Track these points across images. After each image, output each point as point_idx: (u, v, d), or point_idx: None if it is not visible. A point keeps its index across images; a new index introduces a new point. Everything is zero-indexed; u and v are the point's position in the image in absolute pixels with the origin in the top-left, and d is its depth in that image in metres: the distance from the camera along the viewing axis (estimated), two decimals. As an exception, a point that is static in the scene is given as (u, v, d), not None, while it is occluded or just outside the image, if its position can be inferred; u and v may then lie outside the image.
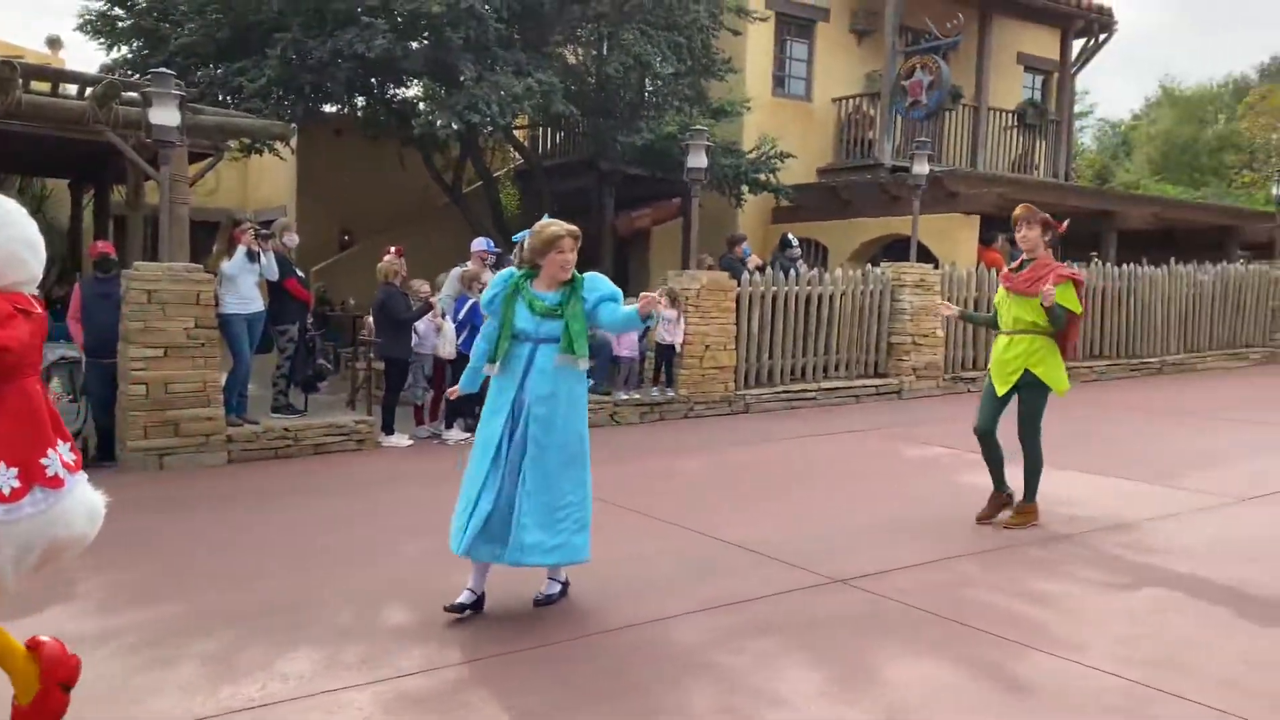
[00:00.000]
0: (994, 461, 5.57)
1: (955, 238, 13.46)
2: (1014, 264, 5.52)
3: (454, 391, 4.52)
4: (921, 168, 11.39)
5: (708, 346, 9.96)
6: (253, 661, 3.61)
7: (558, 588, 4.23)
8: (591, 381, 5.30)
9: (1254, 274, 14.39)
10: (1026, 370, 5.35)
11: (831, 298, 10.95)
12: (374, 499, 6.44)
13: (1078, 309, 5.37)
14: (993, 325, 5.72)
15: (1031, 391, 5.41)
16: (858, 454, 8.01)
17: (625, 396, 9.62)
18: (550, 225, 4.11)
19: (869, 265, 12.28)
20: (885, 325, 11.26)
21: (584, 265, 4.25)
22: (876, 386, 11.05)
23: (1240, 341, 14.05)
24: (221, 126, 9.54)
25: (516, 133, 14.38)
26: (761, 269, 11.47)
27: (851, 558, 4.86)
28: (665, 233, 15.27)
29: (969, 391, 11.25)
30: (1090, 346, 12.49)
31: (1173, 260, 13.54)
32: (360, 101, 12.97)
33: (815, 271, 11.25)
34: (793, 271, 11.30)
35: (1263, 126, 51.72)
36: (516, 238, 4.47)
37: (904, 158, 13.62)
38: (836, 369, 11.07)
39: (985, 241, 13.65)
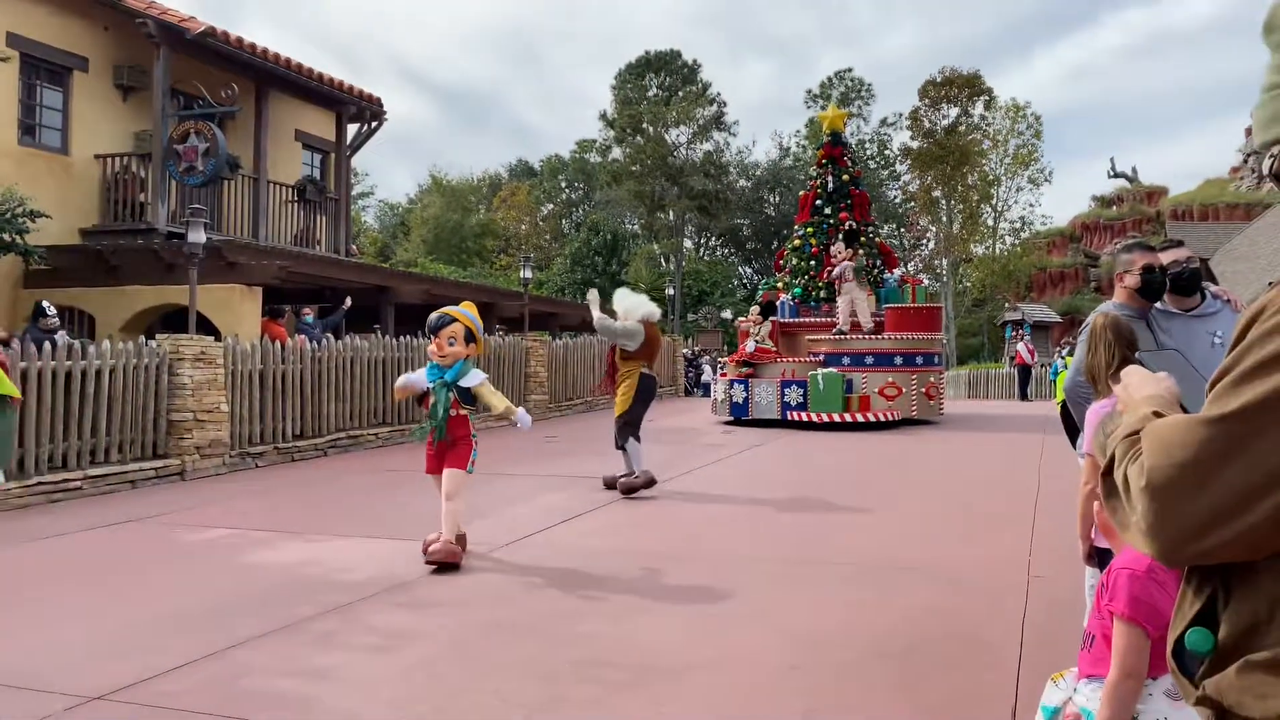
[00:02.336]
0: None
1: (237, 309, 13.14)
2: None
3: None
4: (197, 235, 10.93)
5: (-71, 437, 8.18)
6: None
7: None
8: None
9: (509, 345, 16.56)
10: None
11: (99, 373, 9.83)
12: None
13: (15, 393, 4.38)
14: None
15: None
16: (128, 546, 7.22)
17: None
18: None
19: (142, 337, 11.33)
20: (164, 402, 10.46)
21: None
22: (156, 469, 10.18)
23: (500, 403, 15.99)
24: None
25: None
26: (6, 342, 9.84)
27: (113, 668, 4.30)
28: None
29: (257, 467, 11.01)
30: (373, 414, 13.11)
31: (443, 332, 14.92)
32: None
33: (78, 344, 10.01)
34: (48, 344, 9.90)
35: (514, 218, 60.61)
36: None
37: (180, 224, 12.95)
38: (108, 453, 9.94)
39: (271, 314, 13.56)
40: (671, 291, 45.67)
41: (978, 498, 8.70)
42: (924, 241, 52.02)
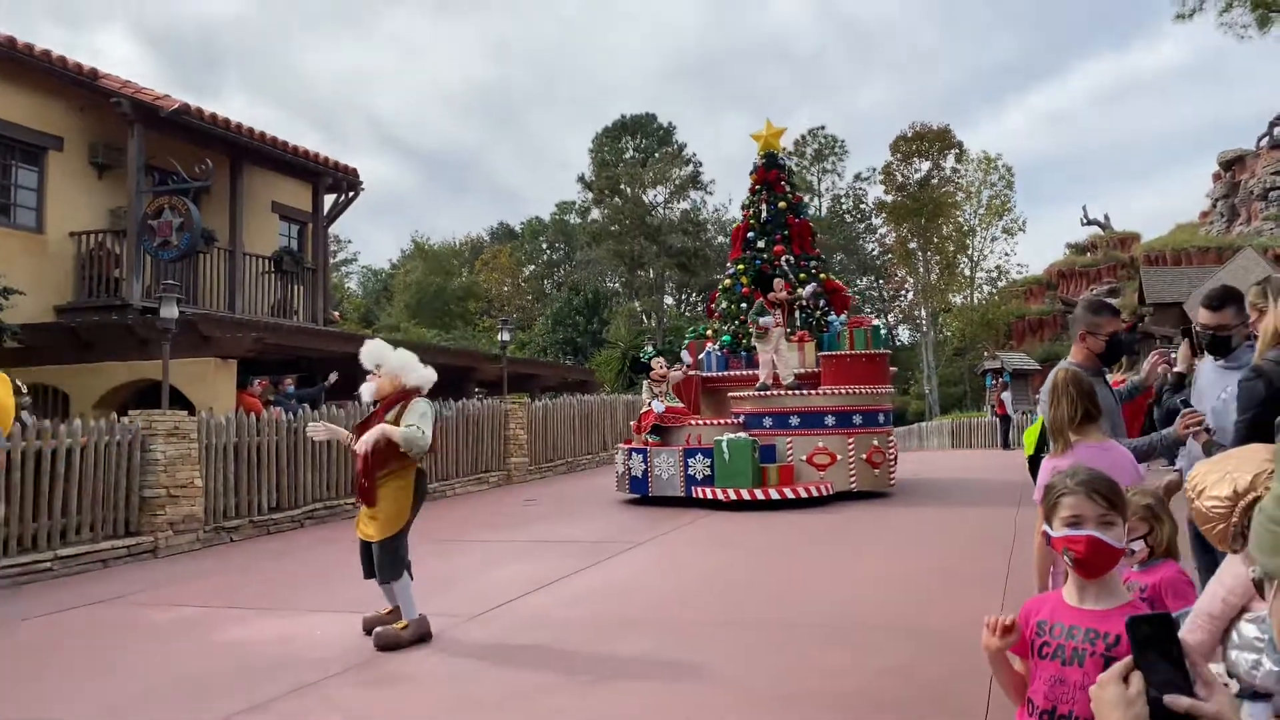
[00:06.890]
0: None
1: (212, 383, 13.11)
2: None
3: None
4: (171, 310, 10.94)
5: (-105, 522, 8.07)
6: None
7: None
8: None
9: (488, 408, 16.53)
10: None
11: (70, 452, 9.75)
12: None
13: None
14: None
15: None
16: (97, 627, 7.11)
17: None
18: None
19: (115, 414, 11.28)
20: (137, 479, 10.37)
21: None
22: (128, 547, 10.05)
23: (481, 467, 15.92)
24: None
25: None
26: (-24, 423, 9.76)
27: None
28: None
29: (232, 541, 10.89)
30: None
31: (421, 398, 14.88)
32: None
33: (48, 423, 9.94)
34: (17, 423, 9.84)
35: (496, 280, 60.92)
36: None
37: (155, 298, 12.97)
38: (79, 532, 9.82)
39: (244, 386, 13.53)
40: (653, 349, 45.77)
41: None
42: (903, 292, 52.54)
